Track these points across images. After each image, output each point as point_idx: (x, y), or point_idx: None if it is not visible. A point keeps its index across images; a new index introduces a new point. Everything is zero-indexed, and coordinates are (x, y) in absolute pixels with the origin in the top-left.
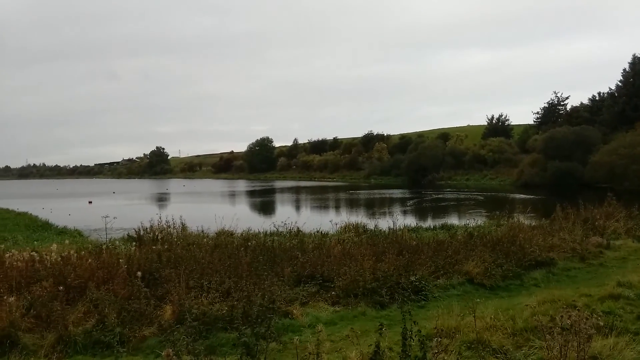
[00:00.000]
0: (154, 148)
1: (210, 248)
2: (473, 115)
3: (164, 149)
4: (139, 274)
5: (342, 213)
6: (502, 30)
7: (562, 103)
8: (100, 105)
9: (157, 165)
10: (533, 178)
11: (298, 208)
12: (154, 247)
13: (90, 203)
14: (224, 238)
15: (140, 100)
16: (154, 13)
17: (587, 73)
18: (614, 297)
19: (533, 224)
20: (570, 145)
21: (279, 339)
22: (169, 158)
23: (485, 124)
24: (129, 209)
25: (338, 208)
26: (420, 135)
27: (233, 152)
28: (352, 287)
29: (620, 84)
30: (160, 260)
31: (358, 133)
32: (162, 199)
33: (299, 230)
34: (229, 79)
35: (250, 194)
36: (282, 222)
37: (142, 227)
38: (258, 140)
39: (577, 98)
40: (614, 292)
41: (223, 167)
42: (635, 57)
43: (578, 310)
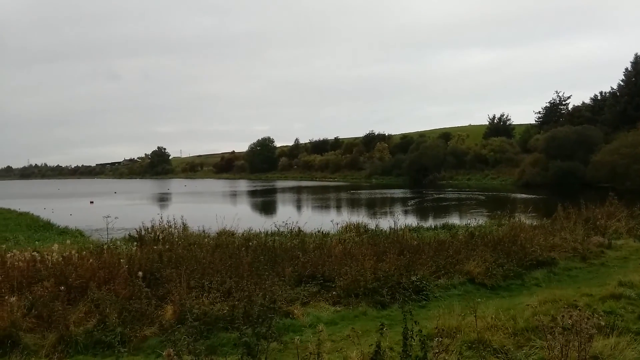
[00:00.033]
0: (155, 148)
1: (212, 248)
2: (474, 115)
3: (165, 149)
4: (140, 274)
5: (343, 213)
6: (502, 30)
7: (563, 102)
8: (101, 105)
9: (158, 165)
10: (534, 178)
11: (299, 208)
12: (155, 247)
13: (92, 203)
14: (225, 238)
15: (141, 100)
16: (154, 13)
17: (588, 73)
18: (616, 296)
19: (534, 224)
20: (572, 145)
21: (280, 339)
22: (170, 158)
23: (487, 124)
24: (131, 209)
25: (339, 208)
26: (422, 135)
27: (234, 152)
28: (353, 287)
29: (622, 84)
30: (162, 260)
31: (359, 133)
32: (163, 199)
33: (300, 230)
34: (229, 79)
35: (252, 194)
36: (283, 222)
37: (143, 227)
38: (259, 140)
39: (578, 97)
40: (616, 291)
41: (224, 167)
42: (638, 56)
43: (579, 310)
